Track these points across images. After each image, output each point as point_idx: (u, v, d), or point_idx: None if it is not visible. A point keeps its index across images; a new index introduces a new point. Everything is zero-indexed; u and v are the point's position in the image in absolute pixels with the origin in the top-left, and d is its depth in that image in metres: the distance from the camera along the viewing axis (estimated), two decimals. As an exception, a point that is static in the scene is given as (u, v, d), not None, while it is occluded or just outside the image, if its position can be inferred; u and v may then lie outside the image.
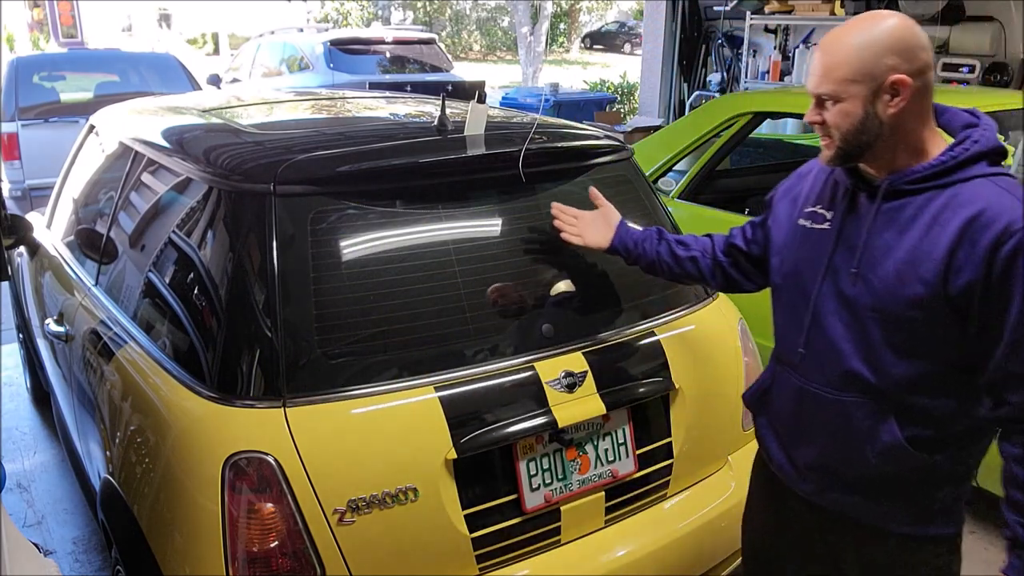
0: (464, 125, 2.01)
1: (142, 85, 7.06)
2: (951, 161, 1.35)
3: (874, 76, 1.33)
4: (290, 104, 2.80)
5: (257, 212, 1.71)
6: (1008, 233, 1.27)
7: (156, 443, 1.75)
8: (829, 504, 1.57)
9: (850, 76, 1.35)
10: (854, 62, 1.34)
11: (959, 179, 1.35)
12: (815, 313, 1.51)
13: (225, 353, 1.69)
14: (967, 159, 1.35)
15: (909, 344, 1.40)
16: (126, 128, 2.59)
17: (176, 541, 1.65)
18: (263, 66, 10.31)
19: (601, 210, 1.95)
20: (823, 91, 1.39)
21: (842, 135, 1.39)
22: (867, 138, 1.38)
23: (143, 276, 2.12)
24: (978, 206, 1.31)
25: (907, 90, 1.33)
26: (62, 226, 2.99)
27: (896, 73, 1.32)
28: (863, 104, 1.35)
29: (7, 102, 6.46)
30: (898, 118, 1.35)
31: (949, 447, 1.45)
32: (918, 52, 1.33)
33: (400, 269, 1.78)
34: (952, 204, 1.33)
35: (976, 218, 1.30)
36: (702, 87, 8.31)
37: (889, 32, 1.33)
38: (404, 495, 1.64)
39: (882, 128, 1.36)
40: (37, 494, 3.18)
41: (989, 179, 1.34)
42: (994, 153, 1.36)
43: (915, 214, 1.37)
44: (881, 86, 1.33)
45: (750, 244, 1.77)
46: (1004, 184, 1.33)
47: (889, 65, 1.32)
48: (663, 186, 3.96)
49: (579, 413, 1.83)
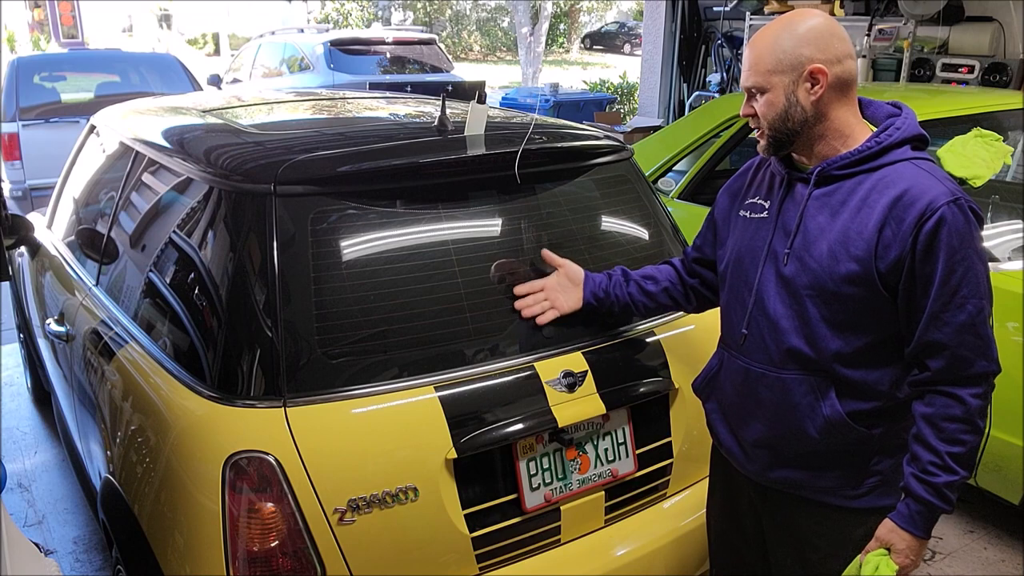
0: (464, 125, 2.01)
1: (143, 85, 7.06)
2: (876, 146, 1.46)
3: (793, 66, 1.45)
4: (290, 104, 2.80)
5: (258, 212, 1.72)
6: (930, 210, 1.38)
7: (157, 443, 1.75)
8: (775, 483, 1.64)
9: (772, 68, 1.47)
10: (776, 54, 1.46)
11: (885, 163, 1.46)
12: (757, 296, 1.60)
13: (226, 353, 1.69)
14: (891, 144, 1.46)
15: (844, 320, 1.49)
16: (127, 128, 2.59)
17: (176, 540, 1.65)
18: (263, 66, 10.32)
19: (561, 271, 1.91)
20: (751, 84, 1.51)
21: (770, 123, 1.51)
22: (792, 125, 1.49)
23: (144, 276, 2.12)
24: (902, 186, 1.42)
25: (825, 78, 1.44)
26: (63, 226, 2.99)
27: (813, 63, 1.43)
28: (785, 93, 1.47)
29: (8, 102, 6.46)
30: (820, 105, 1.47)
31: (886, 420, 1.54)
32: (834, 43, 1.44)
33: (400, 269, 1.78)
34: (879, 186, 1.44)
35: (901, 197, 1.41)
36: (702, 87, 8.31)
37: (807, 27, 1.45)
38: (404, 495, 1.64)
39: (806, 115, 1.47)
40: (38, 494, 3.18)
41: (912, 162, 1.45)
42: (916, 139, 1.48)
43: (845, 198, 1.48)
44: (801, 75, 1.45)
45: (703, 249, 1.85)
46: (925, 167, 1.45)
47: (806, 56, 1.44)
48: (663, 186, 3.97)
49: (579, 413, 1.84)
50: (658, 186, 3.94)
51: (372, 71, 9.45)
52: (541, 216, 2.01)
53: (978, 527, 2.96)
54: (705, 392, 1.79)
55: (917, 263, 1.40)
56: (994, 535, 2.92)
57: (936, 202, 1.38)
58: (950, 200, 1.38)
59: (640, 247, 2.17)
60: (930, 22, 5.80)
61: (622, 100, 12.69)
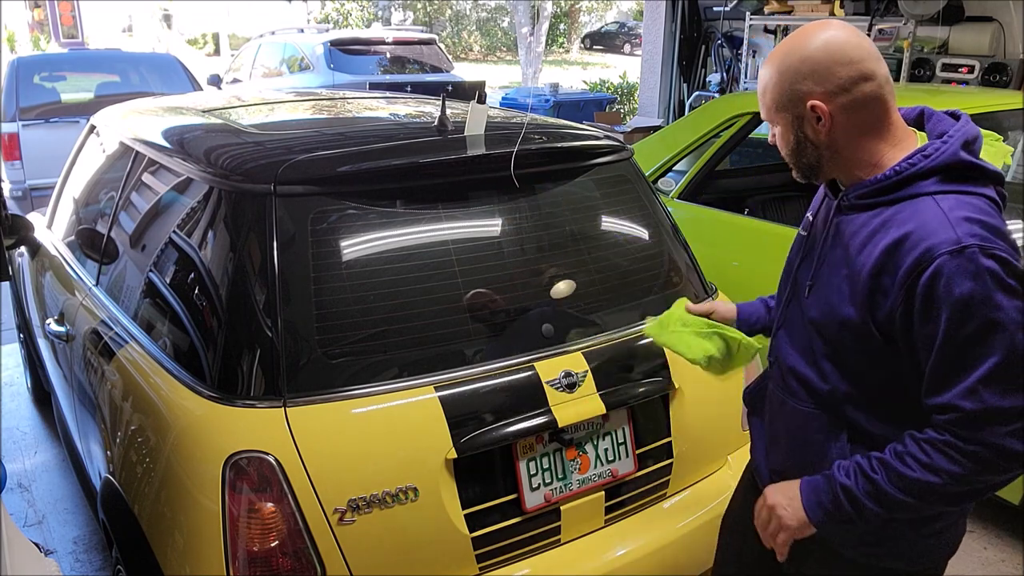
0: (464, 125, 2.02)
1: (143, 85, 7.06)
2: (894, 177, 1.29)
3: (793, 103, 1.32)
4: (290, 104, 2.80)
5: (258, 212, 1.72)
6: (928, 259, 1.20)
7: (157, 443, 1.75)
8: None
9: (773, 104, 1.35)
10: (774, 91, 1.34)
11: (905, 196, 1.28)
12: (782, 320, 1.52)
13: (226, 353, 1.69)
14: (913, 175, 1.28)
15: (849, 361, 1.36)
16: (127, 128, 2.59)
17: (177, 540, 1.65)
18: (263, 66, 10.32)
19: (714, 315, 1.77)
20: (763, 116, 1.40)
21: (787, 157, 1.40)
22: (808, 160, 1.37)
23: (144, 276, 2.12)
24: (907, 228, 1.24)
25: (826, 113, 1.29)
26: (63, 226, 2.99)
27: (812, 99, 1.29)
28: (793, 130, 1.35)
29: (8, 102, 6.46)
30: (831, 138, 1.32)
31: None
32: (836, 70, 1.27)
33: (400, 269, 1.78)
34: (888, 224, 1.28)
35: (902, 241, 1.24)
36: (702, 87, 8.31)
37: (807, 55, 1.29)
38: (404, 495, 1.64)
39: (818, 150, 1.35)
40: (38, 494, 3.18)
41: (933, 197, 1.25)
42: (949, 168, 1.27)
43: (856, 231, 1.33)
44: (803, 112, 1.31)
45: None
46: (945, 204, 1.24)
47: (804, 91, 1.30)
48: (663, 186, 3.96)
49: (579, 413, 1.84)
50: (658, 186, 3.94)
51: (372, 71, 9.45)
52: (541, 216, 2.01)
53: (978, 527, 2.96)
54: (752, 404, 1.68)
55: (915, 321, 1.23)
56: (994, 535, 2.92)
57: (936, 250, 1.20)
58: (954, 249, 1.19)
59: (640, 247, 2.17)
60: (930, 22, 5.80)
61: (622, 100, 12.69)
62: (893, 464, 1.27)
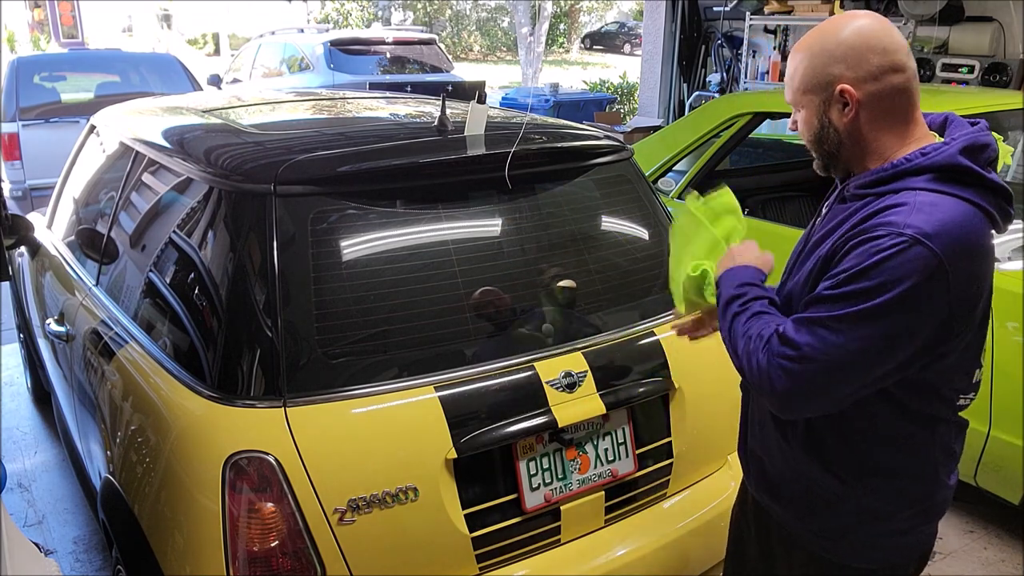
0: (464, 125, 2.02)
1: (143, 85, 7.06)
2: (891, 170, 1.30)
3: (822, 86, 1.32)
4: (290, 104, 2.80)
5: (258, 212, 1.72)
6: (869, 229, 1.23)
7: (157, 443, 1.75)
8: (762, 503, 1.55)
9: (802, 87, 1.35)
10: (806, 72, 1.34)
11: (893, 189, 1.29)
12: None
13: (226, 353, 1.69)
14: (907, 170, 1.28)
15: None
16: (127, 128, 2.59)
17: (177, 540, 1.65)
18: (263, 67, 10.32)
19: None
20: (788, 100, 1.40)
21: (808, 143, 1.41)
22: (828, 147, 1.37)
23: (144, 276, 2.12)
24: (868, 212, 1.27)
25: (854, 98, 1.30)
26: (63, 226, 2.99)
27: (842, 83, 1.30)
28: (818, 114, 1.35)
29: (8, 102, 6.46)
30: (854, 125, 1.33)
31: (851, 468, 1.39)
32: (870, 57, 1.27)
33: (400, 269, 1.78)
34: (859, 210, 1.30)
35: (859, 224, 1.27)
36: (702, 87, 8.31)
37: (842, 39, 1.29)
38: (404, 495, 1.64)
39: (840, 136, 1.35)
40: (38, 494, 3.18)
41: (915, 192, 1.25)
42: (943, 169, 1.27)
43: (845, 218, 1.34)
44: (832, 96, 1.32)
45: None
46: (923, 198, 1.24)
47: (835, 75, 1.30)
48: (663, 186, 3.97)
49: (579, 413, 1.84)
50: (658, 186, 3.95)
51: (372, 71, 9.45)
52: (541, 216, 2.01)
53: (978, 527, 2.96)
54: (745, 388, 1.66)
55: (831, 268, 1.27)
56: (994, 535, 2.92)
57: (879, 226, 1.22)
58: (894, 231, 1.19)
59: (640, 247, 2.18)
60: (930, 22, 5.80)
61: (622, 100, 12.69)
62: (746, 312, 1.35)
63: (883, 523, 1.41)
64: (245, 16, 23.71)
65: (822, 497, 1.43)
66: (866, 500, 1.40)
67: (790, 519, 1.49)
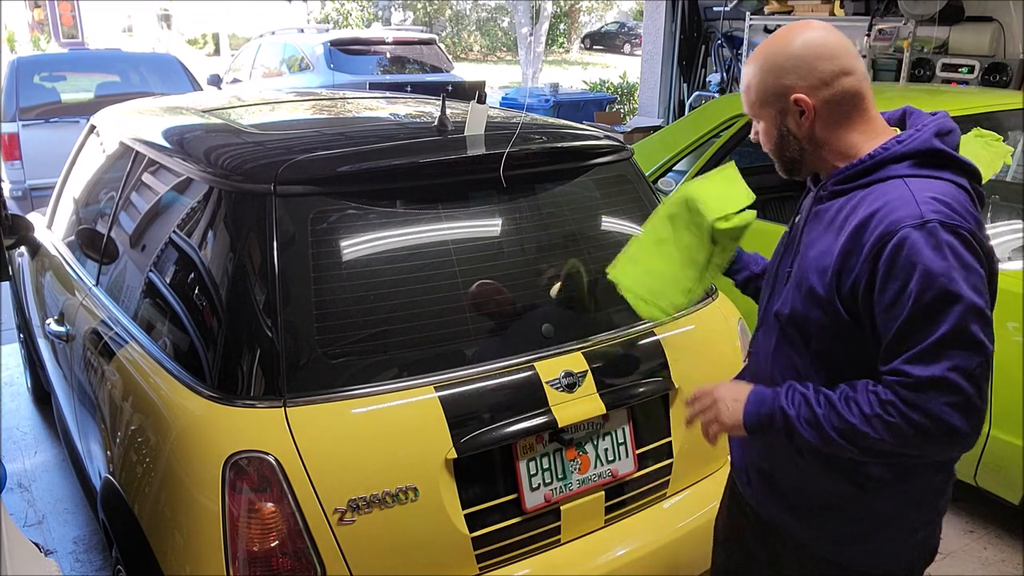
0: (464, 125, 2.01)
1: (143, 85, 7.06)
2: (869, 161, 1.34)
3: (777, 98, 1.37)
4: (290, 104, 2.80)
5: (257, 212, 1.71)
6: (891, 231, 1.25)
7: (157, 443, 1.75)
8: (767, 516, 1.54)
9: (759, 100, 1.40)
10: (760, 86, 1.39)
11: (877, 179, 1.33)
12: (762, 318, 1.55)
13: (226, 353, 1.69)
14: (887, 159, 1.33)
15: (821, 348, 1.39)
16: (127, 128, 2.59)
17: (177, 540, 1.65)
18: (263, 67, 10.32)
19: None
20: (746, 112, 1.45)
21: (770, 152, 1.45)
22: (790, 154, 1.42)
23: (144, 276, 2.12)
24: (875, 206, 1.29)
25: (810, 106, 1.34)
26: (63, 226, 2.99)
27: (796, 92, 1.34)
28: (776, 124, 1.40)
29: (8, 102, 6.46)
30: (813, 131, 1.37)
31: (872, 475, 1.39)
32: (819, 65, 1.32)
33: (400, 269, 1.78)
34: (858, 205, 1.32)
35: (869, 218, 1.29)
36: (702, 87, 8.31)
37: (791, 52, 1.34)
38: (404, 495, 1.64)
39: (800, 143, 1.39)
40: (38, 494, 3.18)
41: (903, 179, 1.30)
42: (922, 154, 1.32)
43: (834, 215, 1.37)
44: (788, 106, 1.36)
45: None
46: (914, 185, 1.29)
47: (788, 85, 1.35)
48: (663, 186, 3.97)
49: (579, 413, 1.83)
50: (658, 186, 3.94)
51: (372, 71, 9.45)
52: (541, 216, 2.01)
53: (978, 527, 2.96)
54: None
55: (876, 291, 1.27)
56: (994, 535, 2.92)
57: (899, 223, 1.24)
58: (915, 223, 1.23)
59: (640, 247, 2.17)
60: (930, 22, 5.80)
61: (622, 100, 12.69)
62: (837, 405, 1.30)
63: (900, 525, 1.43)
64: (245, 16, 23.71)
65: (839, 505, 1.43)
66: (883, 504, 1.41)
67: (804, 529, 1.48)
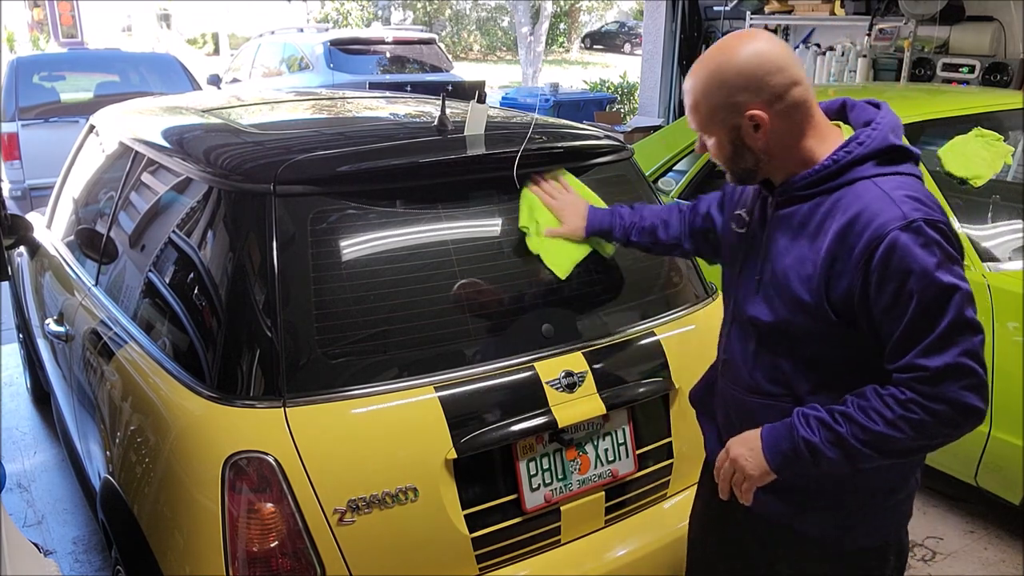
0: (464, 125, 2.01)
1: (142, 85, 7.06)
2: (833, 166, 1.35)
3: (730, 114, 1.36)
4: (290, 104, 2.80)
5: (257, 212, 1.71)
6: (880, 236, 1.27)
7: (156, 443, 1.75)
8: (755, 506, 1.54)
9: (709, 118, 1.39)
10: (711, 104, 1.37)
11: (843, 182, 1.35)
12: (732, 319, 1.56)
13: (225, 353, 1.69)
14: (850, 162, 1.34)
15: (799, 352, 1.42)
16: (126, 128, 2.59)
17: (176, 541, 1.65)
18: (263, 66, 10.32)
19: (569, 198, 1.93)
20: (693, 128, 1.44)
21: (722, 163, 1.45)
22: (746, 165, 1.42)
23: (143, 276, 2.12)
24: (854, 211, 1.31)
25: (766, 120, 1.34)
26: (62, 226, 2.99)
27: (751, 109, 1.34)
28: (729, 139, 1.39)
29: (7, 102, 6.46)
30: (768, 143, 1.37)
31: None
32: (770, 79, 1.32)
33: (400, 269, 1.78)
34: (834, 210, 1.34)
35: (852, 224, 1.30)
36: (702, 87, 8.29)
37: (738, 69, 1.33)
38: (404, 495, 1.64)
39: (756, 155, 1.39)
40: (37, 494, 3.18)
41: (872, 180, 1.33)
42: (882, 153, 1.35)
43: (804, 221, 1.38)
44: (741, 122, 1.36)
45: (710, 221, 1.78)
46: (886, 185, 1.32)
47: (741, 102, 1.34)
48: (663, 186, 3.96)
49: (579, 413, 1.83)
50: (658, 186, 3.94)
51: (372, 71, 9.45)
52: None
53: (978, 527, 2.96)
54: (700, 404, 1.73)
55: (872, 295, 1.29)
56: (994, 535, 2.92)
57: (886, 227, 1.27)
58: (902, 224, 1.26)
59: (640, 247, 2.17)
60: (930, 22, 5.80)
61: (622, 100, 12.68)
62: (857, 418, 1.32)
63: (891, 498, 1.48)
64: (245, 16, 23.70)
65: (834, 488, 1.46)
66: (877, 481, 1.46)
67: (800, 515, 1.51)
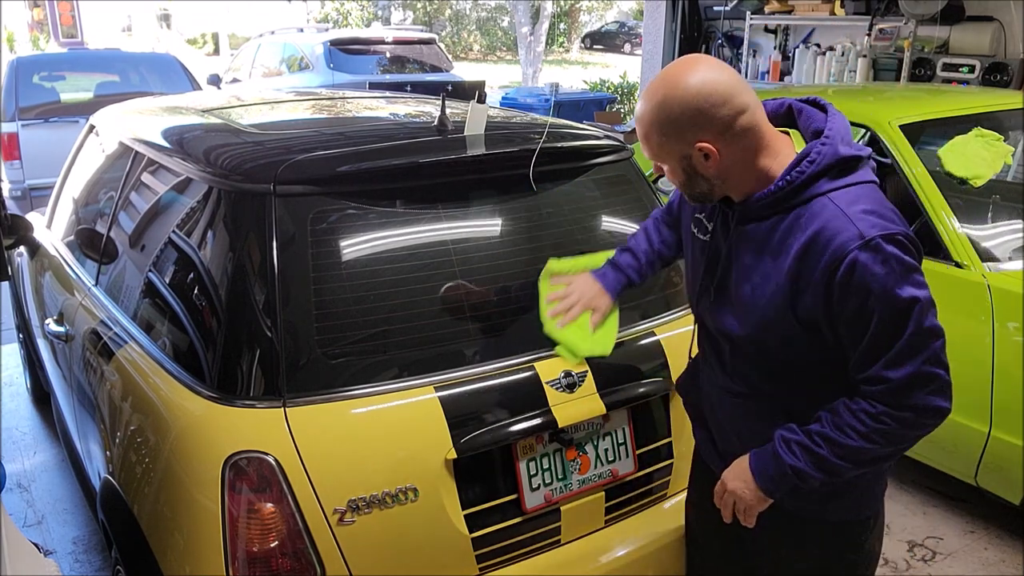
0: (464, 125, 2.01)
1: (142, 85, 7.06)
2: (787, 187, 1.36)
3: (681, 147, 1.37)
4: (290, 104, 2.80)
5: (257, 212, 1.71)
6: (840, 256, 1.29)
7: (156, 443, 1.75)
8: None
9: (660, 151, 1.40)
10: (659, 138, 1.38)
11: (800, 201, 1.36)
12: (698, 322, 1.62)
13: (225, 353, 1.69)
14: (804, 182, 1.35)
15: (766, 361, 1.47)
16: (126, 128, 2.59)
17: (176, 541, 1.65)
18: (263, 66, 10.32)
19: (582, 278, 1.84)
20: (647, 156, 1.44)
21: (678, 187, 1.46)
22: (700, 190, 1.43)
23: (143, 276, 2.12)
24: (812, 230, 1.32)
25: (715, 152, 1.35)
26: (62, 226, 2.99)
27: (699, 142, 1.34)
28: (683, 168, 1.40)
29: (7, 102, 6.46)
30: (720, 169, 1.38)
31: None
32: (714, 113, 1.32)
33: (400, 269, 1.78)
34: (794, 228, 1.36)
35: (811, 243, 1.32)
36: (702, 87, 8.29)
37: (685, 104, 1.32)
38: (404, 495, 1.64)
39: (710, 182, 1.41)
40: (37, 494, 3.18)
41: (827, 196, 1.34)
42: (836, 166, 1.35)
43: (766, 238, 1.41)
44: (691, 153, 1.36)
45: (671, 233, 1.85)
46: (841, 200, 1.33)
47: (690, 138, 1.35)
48: (663, 186, 3.96)
49: (579, 413, 1.83)
50: (658, 186, 3.94)
51: (372, 71, 9.45)
52: (541, 216, 2.00)
53: (978, 527, 2.96)
54: (686, 393, 1.77)
55: (835, 310, 1.32)
56: (994, 535, 2.92)
57: (844, 248, 1.28)
58: (860, 244, 1.28)
59: (640, 247, 2.17)
60: (930, 22, 5.80)
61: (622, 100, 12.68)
62: (834, 437, 1.38)
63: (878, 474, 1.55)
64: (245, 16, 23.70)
65: None
66: None
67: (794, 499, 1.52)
